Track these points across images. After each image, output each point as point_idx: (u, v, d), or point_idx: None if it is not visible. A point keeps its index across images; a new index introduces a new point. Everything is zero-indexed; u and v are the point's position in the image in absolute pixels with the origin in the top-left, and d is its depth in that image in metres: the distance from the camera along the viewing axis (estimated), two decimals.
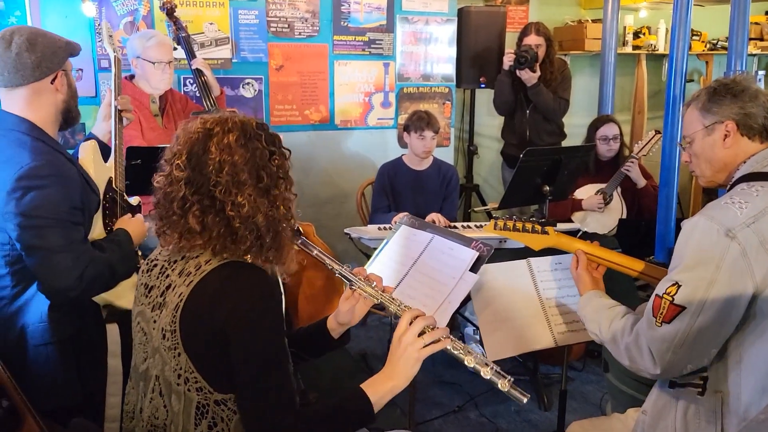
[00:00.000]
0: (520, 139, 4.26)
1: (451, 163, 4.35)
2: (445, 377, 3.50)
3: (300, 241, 1.56)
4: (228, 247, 1.37)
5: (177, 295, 1.37)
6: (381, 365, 1.47)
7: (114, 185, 2.19)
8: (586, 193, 3.87)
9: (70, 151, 2.15)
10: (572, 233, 3.80)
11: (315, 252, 1.60)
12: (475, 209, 4.44)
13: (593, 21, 5.04)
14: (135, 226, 2.11)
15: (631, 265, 1.85)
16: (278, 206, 1.41)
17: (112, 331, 2.05)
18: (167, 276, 1.43)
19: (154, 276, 1.47)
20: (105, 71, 3.58)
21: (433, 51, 4.40)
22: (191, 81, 3.30)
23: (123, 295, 2.08)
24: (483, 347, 2.12)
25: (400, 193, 3.70)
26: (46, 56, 1.86)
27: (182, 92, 3.67)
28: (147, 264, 1.52)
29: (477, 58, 4.49)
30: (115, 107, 2.34)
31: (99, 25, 2.45)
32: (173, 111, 3.25)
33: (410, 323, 1.43)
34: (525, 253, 2.21)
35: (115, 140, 2.28)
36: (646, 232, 3.04)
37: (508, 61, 4.07)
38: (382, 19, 4.21)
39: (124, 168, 2.27)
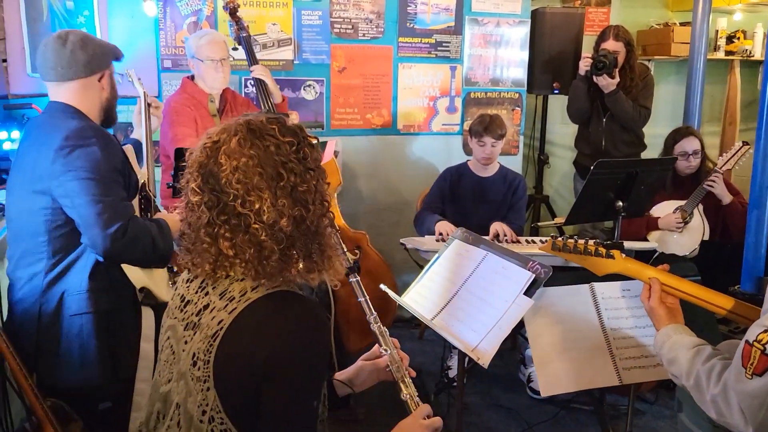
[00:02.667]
0: (595, 149, 3.99)
1: (520, 172, 4.13)
2: (502, 401, 3.29)
3: (355, 279, 1.43)
4: (260, 272, 1.22)
5: (216, 321, 1.23)
6: (433, 383, 1.37)
7: (147, 188, 2.20)
8: (663, 210, 3.57)
9: None
10: (647, 254, 3.53)
11: (361, 299, 1.49)
12: (539, 223, 4.18)
13: (681, 24, 4.69)
14: (171, 219, 2.13)
15: (715, 300, 1.61)
16: (309, 203, 1.25)
17: (148, 314, 2.08)
18: (207, 294, 1.30)
19: (193, 290, 1.34)
20: (167, 71, 3.58)
21: (503, 54, 4.18)
22: (252, 82, 3.23)
23: (159, 283, 2.13)
24: None
25: (462, 198, 3.52)
26: (96, 55, 2.03)
27: (243, 93, 3.62)
28: (188, 273, 1.38)
29: (551, 63, 4.24)
30: (147, 118, 2.40)
31: (127, 71, 2.59)
32: (233, 113, 3.19)
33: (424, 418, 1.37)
34: (589, 275, 1.98)
35: (147, 148, 2.31)
36: (731, 256, 2.73)
37: (584, 65, 3.82)
38: (450, 20, 4.04)
39: (154, 168, 2.37)
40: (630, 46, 3.85)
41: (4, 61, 3.24)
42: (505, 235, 3.19)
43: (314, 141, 1.32)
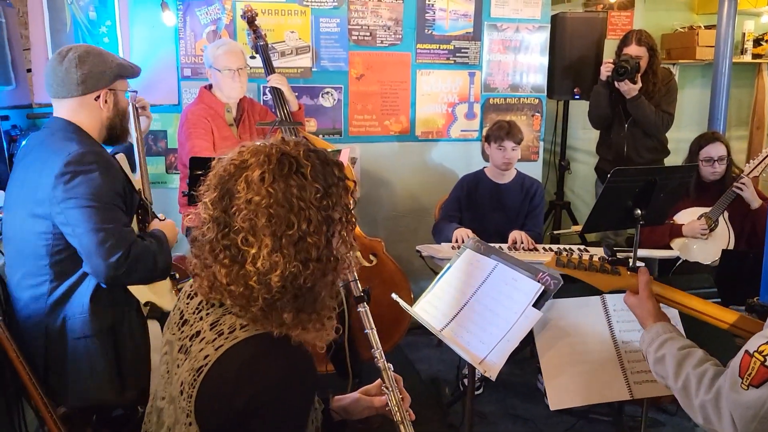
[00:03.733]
0: (616, 155, 3.94)
1: (540, 179, 4.09)
2: (519, 411, 3.25)
3: (363, 309, 1.40)
4: (247, 311, 1.18)
5: (203, 355, 1.19)
6: (452, 393, 1.32)
7: (143, 196, 2.18)
8: (687, 217, 3.50)
9: None
10: (671, 262, 3.47)
11: (368, 331, 1.48)
12: (555, 231, 4.13)
13: (706, 27, 4.60)
14: (168, 228, 2.14)
15: (717, 314, 1.56)
16: (311, 258, 1.16)
17: (154, 327, 2.08)
18: (201, 318, 1.26)
19: (191, 309, 1.30)
20: (187, 80, 3.62)
21: (522, 60, 4.15)
22: (270, 89, 3.25)
23: (163, 294, 2.13)
24: None
25: (479, 206, 3.50)
26: (92, 74, 1.97)
27: (262, 101, 3.64)
28: (191, 287, 1.34)
29: (572, 68, 4.20)
30: (136, 118, 2.30)
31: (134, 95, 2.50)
32: (250, 122, 3.22)
33: None
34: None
35: (139, 153, 2.27)
36: (754, 265, 2.65)
37: (606, 71, 3.77)
38: (468, 26, 4.02)
39: (149, 178, 2.33)
40: (653, 51, 3.79)
41: (29, 70, 3.32)
42: (522, 242, 3.15)
43: (351, 184, 1.23)
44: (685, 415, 3.12)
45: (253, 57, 3.27)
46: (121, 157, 2.20)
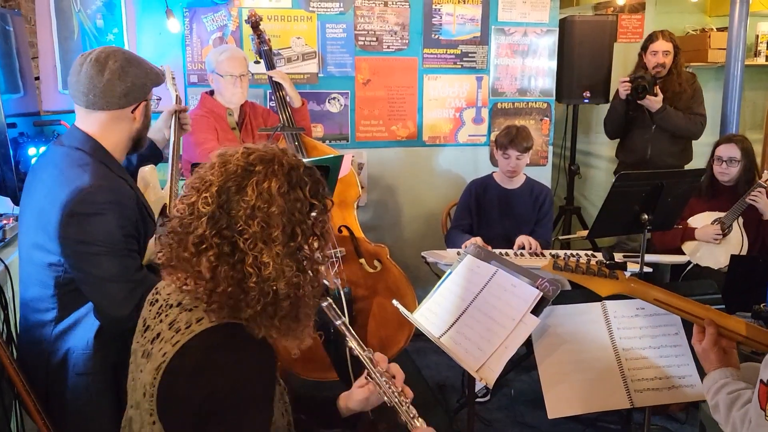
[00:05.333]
0: (639, 158, 3.94)
1: (549, 183, 4.05)
2: (527, 419, 3.21)
3: (326, 303, 1.38)
4: (230, 307, 1.18)
5: (162, 353, 1.20)
6: (457, 399, 1.28)
7: (168, 212, 2.14)
8: (701, 221, 3.45)
9: None
10: (681, 266, 3.41)
11: (339, 322, 1.41)
12: (560, 237, 4.08)
13: (719, 29, 4.54)
14: None
15: (691, 309, 1.51)
16: (305, 269, 1.22)
17: None
18: (160, 321, 1.27)
19: (153, 314, 1.31)
20: (193, 86, 3.64)
21: (531, 64, 4.12)
22: (272, 92, 3.25)
23: None
24: None
25: (487, 212, 3.46)
26: (135, 87, 1.84)
27: (268, 107, 3.65)
28: (152, 294, 1.36)
29: (581, 72, 4.17)
30: (176, 131, 2.29)
31: (162, 68, 2.49)
32: (252, 125, 3.22)
33: None
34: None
35: (173, 163, 2.23)
36: (763, 271, 2.60)
37: (624, 90, 3.79)
38: (475, 30, 3.99)
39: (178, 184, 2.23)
40: (677, 48, 3.84)
41: (37, 78, 3.36)
42: (530, 246, 3.12)
43: (329, 203, 1.29)
44: (694, 424, 3.09)
45: (257, 62, 3.27)
46: (151, 169, 2.15)
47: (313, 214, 1.24)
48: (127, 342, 1.88)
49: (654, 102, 3.73)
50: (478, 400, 3.37)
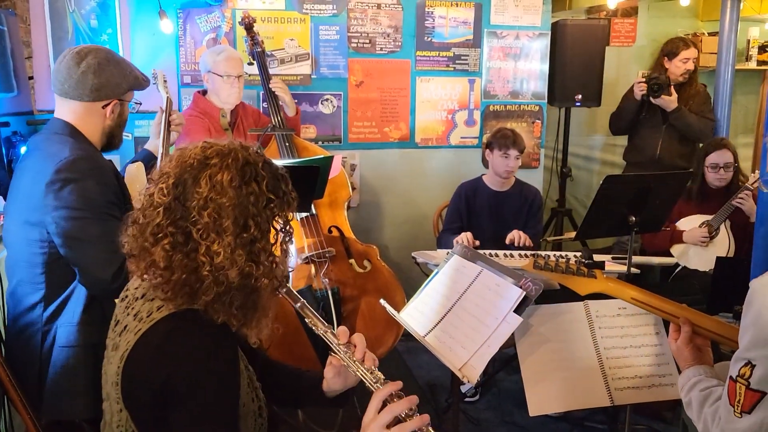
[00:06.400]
0: (648, 157, 4.04)
1: (541, 186, 4.07)
2: (516, 418, 3.23)
3: (285, 290, 1.39)
4: (187, 294, 1.22)
5: (126, 342, 1.25)
6: (447, 399, 1.28)
7: None
8: (690, 224, 3.48)
9: None
10: (670, 268, 3.44)
11: (299, 304, 1.40)
12: (548, 238, 4.11)
13: (710, 34, 4.57)
14: None
15: (700, 321, 1.54)
16: (260, 261, 1.25)
17: None
18: (128, 314, 1.31)
19: (122, 309, 1.35)
20: (187, 87, 3.66)
21: (523, 67, 4.15)
22: (267, 95, 3.27)
23: None
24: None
25: (478, 214, 3.49)
26: (109, 84, 1.93)
27: (261, 108, 3.67)
28: (123, 292, 1.40)
29: (573, 75, 4.19)
30: (165, 130, 2.36)
31: (155, 71, 2.60)
32: (244, 125, 3.25)
33: (380, 409, 1.23)
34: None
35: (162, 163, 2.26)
36: (748, 273, 2.62)
37: (639, 91, 3.91)
38: (468, 33, 4.02)
39: None
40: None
41: (31, 78, 3.38)
42: (521, 240, 3.14)
43: (292, 200, 1.31)
44: (679, 425, 3.11)
45: (250, 63, 3.30)
46: (138, 166, 2.19)
47: (272, 206, 1.26)
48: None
49: (669, 102, 3.84)
50: (467, 399, 3.39)
